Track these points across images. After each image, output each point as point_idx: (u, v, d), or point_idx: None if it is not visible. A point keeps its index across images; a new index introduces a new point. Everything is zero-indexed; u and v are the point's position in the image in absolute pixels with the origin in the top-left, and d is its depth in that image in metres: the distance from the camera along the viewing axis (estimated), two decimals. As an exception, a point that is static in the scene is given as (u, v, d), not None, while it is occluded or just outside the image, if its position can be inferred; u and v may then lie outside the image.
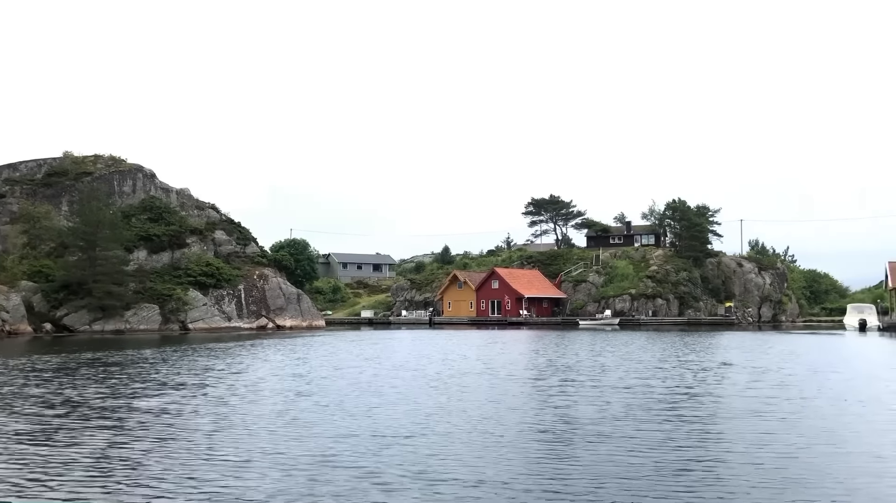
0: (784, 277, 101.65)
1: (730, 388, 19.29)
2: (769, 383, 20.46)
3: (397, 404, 16.39)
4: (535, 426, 13.57)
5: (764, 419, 14.26)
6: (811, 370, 24.63)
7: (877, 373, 24.02)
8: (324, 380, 21.61)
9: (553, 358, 30.38)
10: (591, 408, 15.73)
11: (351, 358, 30.72)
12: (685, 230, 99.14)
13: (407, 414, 14.95)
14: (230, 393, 18.71)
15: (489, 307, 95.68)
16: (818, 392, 18.62)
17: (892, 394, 18.59)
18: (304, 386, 20.23)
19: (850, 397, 17.48)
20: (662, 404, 16.34)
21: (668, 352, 34.09)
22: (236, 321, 74.61)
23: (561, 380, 21.50)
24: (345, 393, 18.59)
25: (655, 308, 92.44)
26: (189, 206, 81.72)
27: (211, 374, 23.62)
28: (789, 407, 15.91)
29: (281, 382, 21.21)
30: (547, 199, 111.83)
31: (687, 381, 20.96)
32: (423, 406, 16.15)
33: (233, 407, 16.22)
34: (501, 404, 16.43)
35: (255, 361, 29.32)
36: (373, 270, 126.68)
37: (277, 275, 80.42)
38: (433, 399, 17.38)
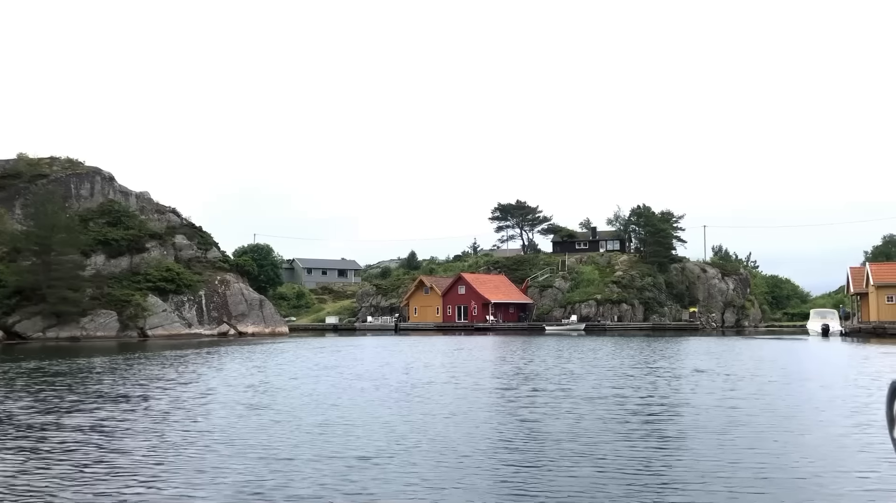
0: (747, 283, 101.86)
1: (706, 398, 18.18)
2: (746, 391, 19.43)
3: (353, 419, 14.99)
4: (502, 444, 12.26)
5: (746, 431, 13.12)
6: (785, 377, 23.70)
7: (852, 380, 23.13)
8: (278, 392, 20.12)
9: (520, 365, 29.16)
10: (562, 422, 14.47)
11: (310, 367, 29.18)
12: (650, 236, 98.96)
13: (362, 430, 13.58)
14: (174, 406, 17.15)
15: (455, 313, 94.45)
16: (804, 402, 17.58)
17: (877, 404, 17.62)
18: (255, 398, 18.72)
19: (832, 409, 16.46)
20: (639, 417, 15.14)
21: (638, 358, 33.06)
22: (197, 327, 72.51)
23: (529, 389, 20.24)
24: (298, 406, 17.14)
25: (621, 313, 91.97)
26: (149, 209, 79.40)
27: (158, 385, 21.99)
28: (772, 419, 14.81)
29: (232, 394, 19.67)
30: (513, 205, 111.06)
31: (661, 391, 19.82)
32: (380, 421, 14.78)
33: (172, 423, 14.68)
34: (466, 418, 15.11)
35: (209, 370, 27.68)
36: (338, 276, 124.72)
37: (239, 280, 78.44)
38: (392, 412, 16.01)
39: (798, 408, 16.45)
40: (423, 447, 11.93)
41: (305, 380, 23.50)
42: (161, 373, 26.13)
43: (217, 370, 27.84)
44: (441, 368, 27.95)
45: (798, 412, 15.93)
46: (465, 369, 27.51)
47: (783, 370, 26.79)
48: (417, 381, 22.58)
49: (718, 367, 27.83)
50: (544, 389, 20.14)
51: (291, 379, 23.83)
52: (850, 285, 73.70)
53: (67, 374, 25.99)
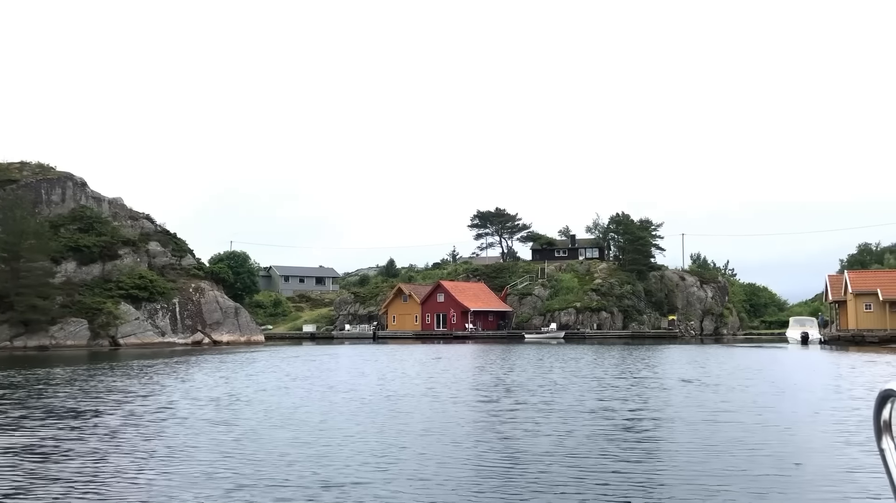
0: (725, 291, 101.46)
1: (698, 412, 16.97)
2: (739, 403, 18.26)
3: (318, 439, 13.58)
4: (482, 467, 10.94)
5: (748, 450, 11.90)
6: (777, 387, 22.59)
7: (846, 390, 22.05)
8: (242, 406, 18.66)
9: (500, 375, 27.85)
10: (548, 439, 13.17)
11: (280, 378, 27.66)
12: (629, 244, 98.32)
13: (327, 452, 12.19)
14: (126, 423, 15.65)
15: (434, 321, 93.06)
16: (808, 417, 16.42)
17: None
18: (217, 413, 17.26)
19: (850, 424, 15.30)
20: (632, 433, 13.87)
21: (621, 367, 31.89)
22: (171, 336, 70.61)
23: (511, 402, 18.92)
24: (262, 422, 15.72)
25: (600, 321, 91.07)
26: (122, 216, 77.42)
27: (115, 398, 20.44)
28: (776, 435, 13.62)
29: (192, 408, 18.17)
30: (492, 212, 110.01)
31: (651, 403, 18.59)
32: (350, 439, 13.42)
33: (119, 443, 13.20)
34: (442, 437, 13.77)
35: (173, 382, 26.11)
36: (316, 283, 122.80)
37: (214, 288, 76.59)
38: (363, 429, 14.64)
39: (811, 424, 15.27)
40: (395, 470, 10.58)
41: (273, 392, 22.03)
42: (122, 385, 24.55)
43: (182, 381, 26.27)
44: (418, 379, 26.59)
45: (814, 429, 14.75)
46: (443, 380, 26.17)
47: (773, 380, 25.69)
48: (392, 394, 21.20)
49: (705, 377, 26.69)
50: (526, 402, 18.85)
51: (258, 391, 22.33)
52: (829, 293, 73.24)
53: (22, 387, 24.34)
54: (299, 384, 24.59)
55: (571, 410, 17.08)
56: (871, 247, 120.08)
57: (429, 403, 18.92)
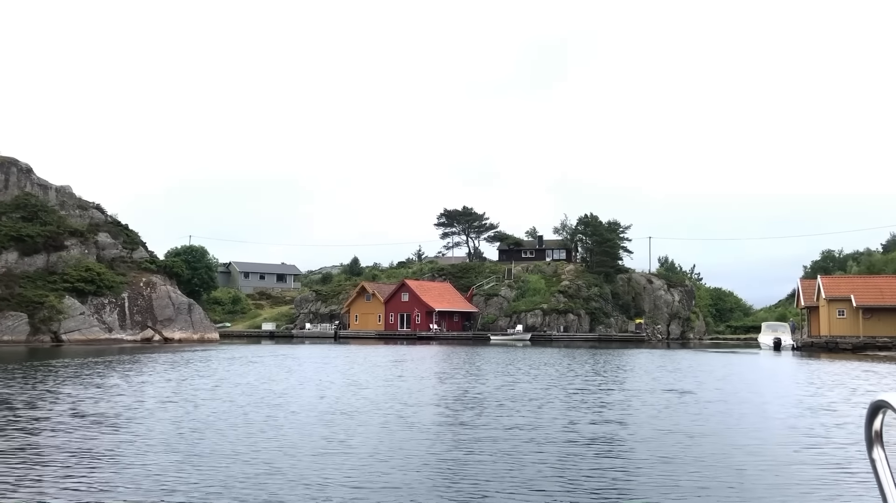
0: (692, 295, 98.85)
1: (727, 432, 13.19)
2: (752, 424, 14.55)
3: (218, 470, 9.52)
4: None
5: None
6: (779, 399, 18.97)
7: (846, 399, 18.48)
8: (137, 420, 14.48)
9: (465, 385, 23.90)
10: (537, 479, 9.26)
11: (209, 383, 23.42)
12: (597, 245, 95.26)
13: (229, 489, 8.16)
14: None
15: (398, 321, 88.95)
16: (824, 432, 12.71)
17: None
18: (101, 431, 13.09)
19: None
20: (649, 471, 10.00)
21: (602, 376, 28.14)
22: (118, 332, 65.63)
23: (481, 422, 14.99)
24: (153, 445, 11.61)
25: (567, 323, 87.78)
26: (70, 205, 72.11)
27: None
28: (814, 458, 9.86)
29: (72, 423, 13.97)
30: (459, 211, 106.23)
31: (660, 422, 14.79)
32: (265, 473, 9.37)
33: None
34: (392, 467, 9.77)
35: (74, 388, 21.67)
36: (277, 281, 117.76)
37: (167, 282, 71.64)
38: (287, 459, 10.60)
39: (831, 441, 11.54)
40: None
41: (184, 403, 17.78)
42: (11, 393, 20.16)
43: (85, 387, 21.84)
44: (372, 388, 22.57)
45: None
46: (401, 390, 22.18)
47: (768, 391, 22.13)
48: (336, 409, 17.11)
49: (696, 387, 23.07)
50: (499, 424, 14.91)
51: (164, 401, 18.01)
52: (801, 298, 70.58)
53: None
54: (221, 393, 20.30)
55: (558, 438, 13.18)
56: (835, 254, 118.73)
57: (379, 423, 14.88)
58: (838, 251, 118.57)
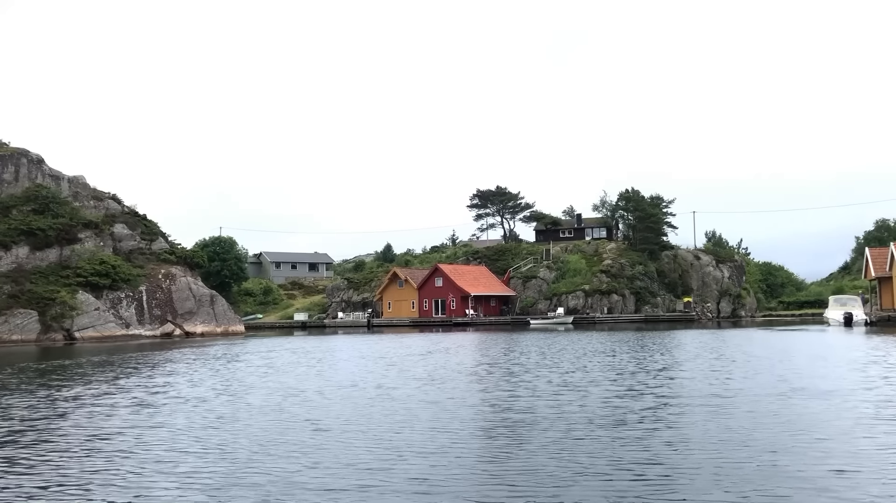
0: (742, 270, 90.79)
1: None
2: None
3: None
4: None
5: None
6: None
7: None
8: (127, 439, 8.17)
9: (513, 389, 17.31)
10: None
11: (227, 383, 17.15)
12: (639, 221, 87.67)
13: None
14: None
15: (432, 307, 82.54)
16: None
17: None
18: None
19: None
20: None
21: (682, 367, 21.31)
22: (136, 328, 60.15)
23: (556, 447, 8.41)
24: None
25: (611, 305, 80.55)
26: (84, 196, 66.72)
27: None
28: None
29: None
30: (493, 191, 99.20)
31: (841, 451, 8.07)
32: None
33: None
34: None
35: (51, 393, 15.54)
36: (308, 270, 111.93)
37: (188, 274, 65.96)
38: None
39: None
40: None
41: (198, 415, 11.37)
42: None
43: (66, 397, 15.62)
44: (397, 387, 16.08)
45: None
46: (439, 391, 15.65)
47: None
48: (360, 429, 10.57)
49: (836, 385, 16.20)
50: (585, 450, 8.30)
51: (177, 416, 11.62)
52: (871, 268, 62.43)
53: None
54: (249, 396, 13.92)
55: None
56: (890, 223, 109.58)
57: (418, 435, 8.31)
58: (894, 220, 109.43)
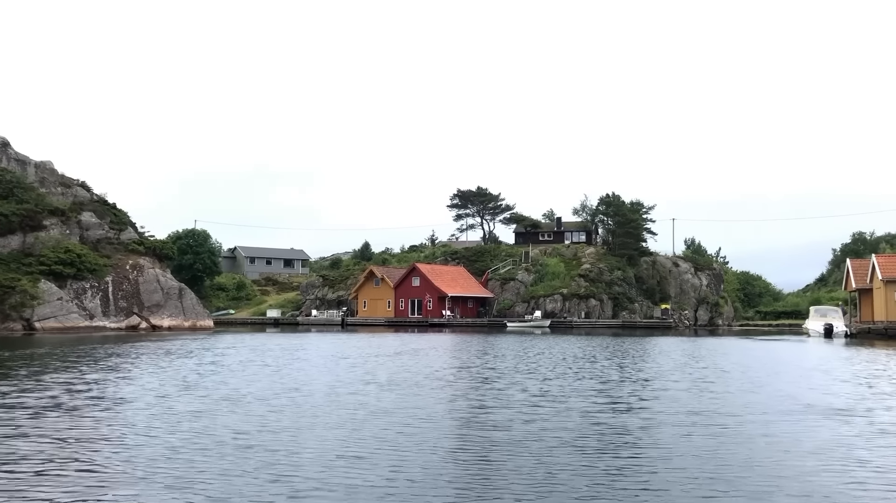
0: (720, 279, 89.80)
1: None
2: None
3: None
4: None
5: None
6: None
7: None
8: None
9: (488, 401, 15.51)
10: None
11: (162, 383, 15.14)
12: (619, 226, 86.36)
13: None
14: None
15: (409, 307, 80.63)
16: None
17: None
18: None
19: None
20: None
21: (671, 377, 19.64)
22: (100, 320, 57.63)
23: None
24: None
25: (588, 309, 79.10)
26: (51, 182, 64.03)
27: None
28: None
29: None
30: (474, 192, 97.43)
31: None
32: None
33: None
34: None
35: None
36: (284, 266, 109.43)
37: (156, 265, 63.48)
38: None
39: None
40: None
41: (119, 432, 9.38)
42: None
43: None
44: (350, 393, 14.19)
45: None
46: (382, 405, 13.79)
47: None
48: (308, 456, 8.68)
49: (850, 403, 14.58)
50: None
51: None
52: (851, 280, 61.44)
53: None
54: (195, 405, 11.91)
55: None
56: (866, 236, 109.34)
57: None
58: (870, 233, 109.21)
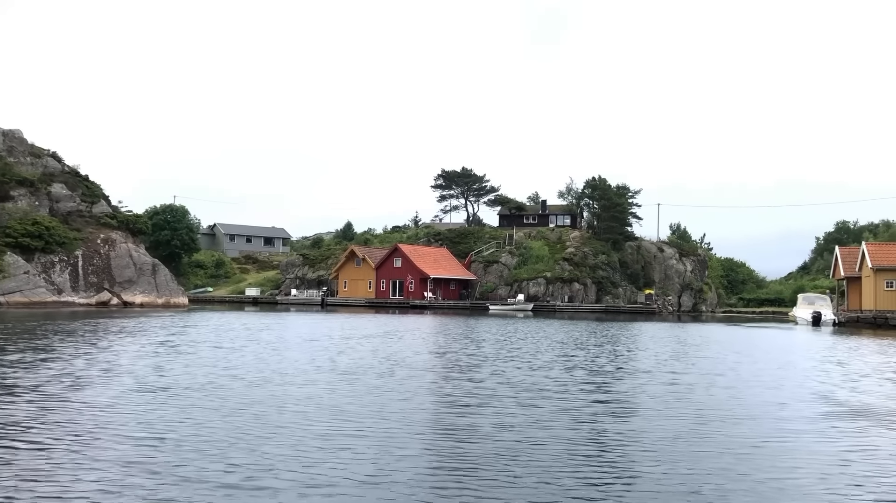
0: (705, 265, 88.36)
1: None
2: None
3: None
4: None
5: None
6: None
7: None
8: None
9: (469, 387, 13.48)
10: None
11: (92, 364, 12.96)
12: (604, 210, 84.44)
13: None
14: None
15: (390, 288, 78.47)
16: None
17: None
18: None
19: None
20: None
21: (683, 367, 17.71)
22: (69, 295, 55.03)
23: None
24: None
25: (572, 293, 77.32)
26: (20, 151, 61.03)
27: None
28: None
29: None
30: (458, 172, 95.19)
31: None
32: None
33: None
34: None
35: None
36: (264, 244, 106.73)
37: (129, 240, 60.79)
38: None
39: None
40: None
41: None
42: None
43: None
44: (302, 383, 12.09)
45: None
46: (332, 399, 11.70)
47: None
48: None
49: (875, 399, 12.66)
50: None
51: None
52: (840, 268, 59.97)
53: None
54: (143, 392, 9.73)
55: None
56: (849, 225, 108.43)
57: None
58: (853, 222, 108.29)
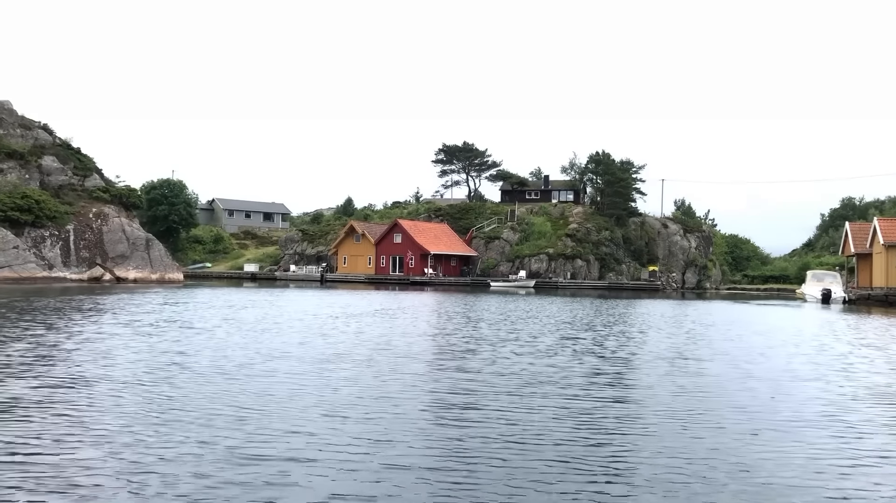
0: (709, 241, 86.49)
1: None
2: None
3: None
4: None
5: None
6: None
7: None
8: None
9: (466, 361, 11.67)
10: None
11: (34, 347, 11.17)
12: (608, 186, 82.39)
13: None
14: None
15: (390, 264, 76.72)
16: None
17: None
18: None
19: None
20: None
21: (712, 351, 15.89)
22: (61, 270, 53.27)
23: None
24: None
25: (574, 269, 75.54)
26: (10, 123, 58.95)
27: None
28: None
29: None
30: (460, 147, 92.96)
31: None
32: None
33: None
34: None
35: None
36: (263, 220, 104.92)
37: (122, 214, 58.93)
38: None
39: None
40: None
41: None
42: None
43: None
44: (276, 369, 10.30)
45: None
46: (307, 387, 9.90)
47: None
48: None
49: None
50: None
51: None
52: (850, 244, 58.00)
53: None
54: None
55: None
56: (855, 201, 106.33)
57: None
58: (859, 198, 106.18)
